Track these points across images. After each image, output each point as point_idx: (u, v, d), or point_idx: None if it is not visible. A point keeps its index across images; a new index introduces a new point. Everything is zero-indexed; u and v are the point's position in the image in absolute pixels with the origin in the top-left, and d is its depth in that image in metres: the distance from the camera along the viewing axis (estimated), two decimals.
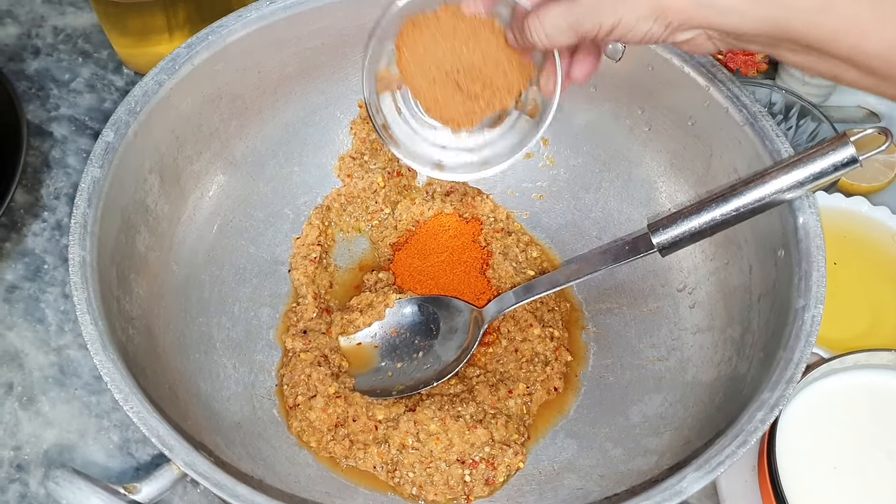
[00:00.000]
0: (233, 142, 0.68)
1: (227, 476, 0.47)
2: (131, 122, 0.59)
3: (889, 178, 0.75)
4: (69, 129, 0.79)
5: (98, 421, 0.66)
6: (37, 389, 0.67)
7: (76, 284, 0.52)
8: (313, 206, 0.71)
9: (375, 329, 0.67)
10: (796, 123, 0.76)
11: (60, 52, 0.84)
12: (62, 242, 0.73)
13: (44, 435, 0.65)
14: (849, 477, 0.58)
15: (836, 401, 0.61)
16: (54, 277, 0.72)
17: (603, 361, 0.66)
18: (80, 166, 0.54)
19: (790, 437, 0.59)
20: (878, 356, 0.61)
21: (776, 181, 0.55)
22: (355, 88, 0.71)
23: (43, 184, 0.76)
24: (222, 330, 0.65)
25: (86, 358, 0.68)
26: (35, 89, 0.82)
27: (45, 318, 0.70)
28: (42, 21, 0.86)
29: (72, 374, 0.68)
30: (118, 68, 0.83)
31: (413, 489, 0.60)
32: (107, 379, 0.49)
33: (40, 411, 0.66)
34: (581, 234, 0.72)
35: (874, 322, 0.68)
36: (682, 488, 0.47)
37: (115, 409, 0.66)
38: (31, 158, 0.77)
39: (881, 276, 0.70)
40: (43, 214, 0.75)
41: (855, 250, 0.71)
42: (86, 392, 0.67)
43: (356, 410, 0.62)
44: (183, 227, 0.65)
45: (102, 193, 0.56)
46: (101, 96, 0.82)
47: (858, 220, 0.72)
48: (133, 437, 0.65)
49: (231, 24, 0.63)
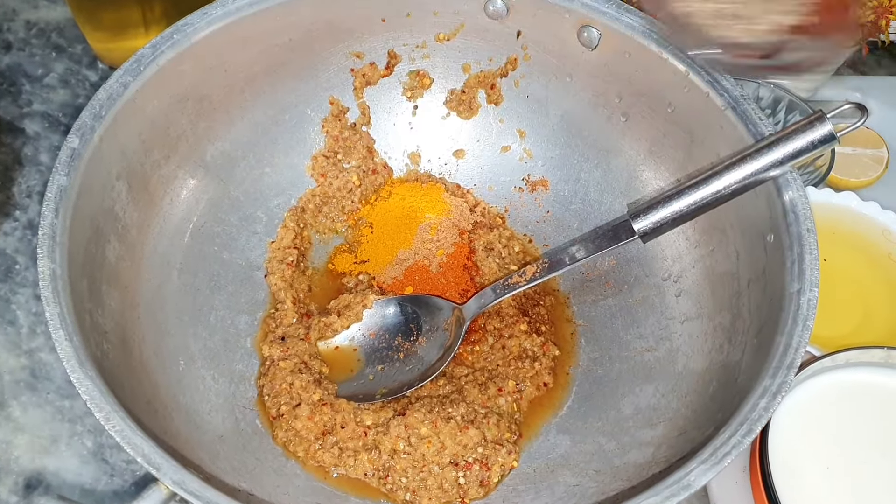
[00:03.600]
0: (201, 144, 0.65)
1: (218, 493, 0.45)
2: (97, 127, 0.56)
3: (878, 172, 0.75)
4: (42, 126, 0.77)
5: (71, 426, 0.64)
6: (7, 394, 0.64)
7: (48, 299, 0.49)
8: (287, 208, 0.69)
9: (354, 332, 0.65)
10: (784, 118, 0.76)
11: (33, 47, 0.82)
12: (34, 242, 0.71)
13: (15, 441, 0.63)
14: (842, 476, 0.58)
15: (828, 399, 0.61)
16: (26, 278, 0.70)
17: (591, 355, 0.65)
18: (53, 164, 0.53)
19: (782, 437, 0.59)
20: (871, 353, 0.61)
21: (756, 161, 0.55)
22: (325, 85, 0.69)
23: (14, 182, 0.74)
24: (199, 340, 0.63)
25: (58, 361, 0.65)
26: (7, 85, 0.79)
27: (17, 320, 0.68)
28: (14, 15, 0.84)
29: (44, 377, 0.65)
30: (92, 63, 0.82)
31: (407, 495, 0.58)
32: (86, 398, 0.46)
33: (11, 416, 0.64)
34: (562, 226, 0.70)
35: (865, 318, 0.67)
36: (689, 482, 0.46)
37: (88, 414, 0.64)
38: (2, 156, 0.75)
39: (872, 271, 0.70)
40: (14, 213, 0.73)
41: (845, 246, 0.71)
42: (58, 396, 0.65)
43: (343, 417, 0.60)
44: (153, 235, 0.63)
45: (70, 202, 0.53)
46: (74, 92, 0.80)
47: (848, 215, 0.71)
48: (107, 442, 0.63)
49: (196, 21, 0.61)
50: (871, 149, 0.76)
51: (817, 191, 0.71)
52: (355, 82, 0.69)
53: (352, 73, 0.69)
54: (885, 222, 0.71)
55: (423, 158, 0.72)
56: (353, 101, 0.70)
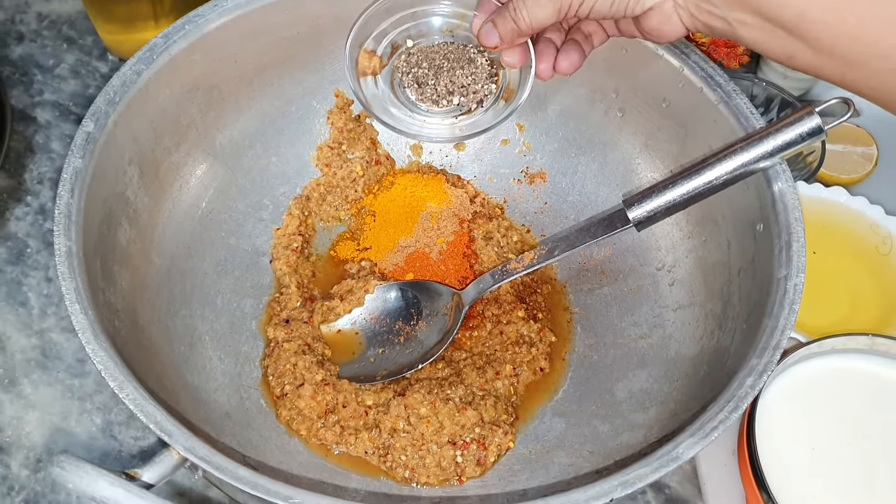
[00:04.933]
0: (210, 133, 0.67)
1: (227, 459, 0.46)
2: (111, 113, 0.58)
3: (868, 169, 0.77)
4: (53, 115, 0.79)
5: (81, 404, 0.66)
6: (19, 372, 0.66)
7: (63, 274, 0.51)
8: (292, 196, 0.71)
9: (356, 316, 0.67)
10: (777, 116, 0.78)
11: (45, 38, 0.84)
12: (45, 227, 0.73)
13: (26, 417, 0.65)
14: (828, 459, 0.60)
15: (814, 384, 0.62)
16: (37, 261, 0.72)
17: (587, 341, 0.67)
18: (64, 151, 0.54)
19: (769, 421, 0.61)
20: (856, 340, 0.62)
21: (747, 153, 0.57)
22: (331, 78, 0.71)
23: (26, 168, 0.76)
24: (206, 322, 0.65)
25: (68, 341, 0.68)
26: (19, 75, 0.82)
27: (28, 302, 0.69)
28: (26, 7, 0.86)
29: (54, 356, 0.67)
30: (103, 55, 0.84)
31: (406, 472, 0.60)
32: (100, 367, 0.48)
33: (22, 394, 0.66)
34: (559, 217, 0.72)
35: (852, 310, 0.69)
36: (678, 454, 0.48)
37: (97, 391, 0.66)
38: (14, 143, 0.77)
39: (859, 264, 0.71)
40: (26, 199, 0.75)
41: (834, 239, 0.72)
42: (68, 375, 0.67)
43: (345, 397, 0.62)
44: (163, 220, 0.65)
45: (84, 184, 0.55)
46: (85, 82, 0.82)
47: (837, 209, 0.73)
48: (116, 419, 0.65)
49: (207, 13, 0.63)
50: (861, 146, 0.78)
51: (807, 185, 0.73)
52: None
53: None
54: (873, 216, 0.72)
55: (425, 150, 0.74)
56: None
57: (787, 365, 0.62)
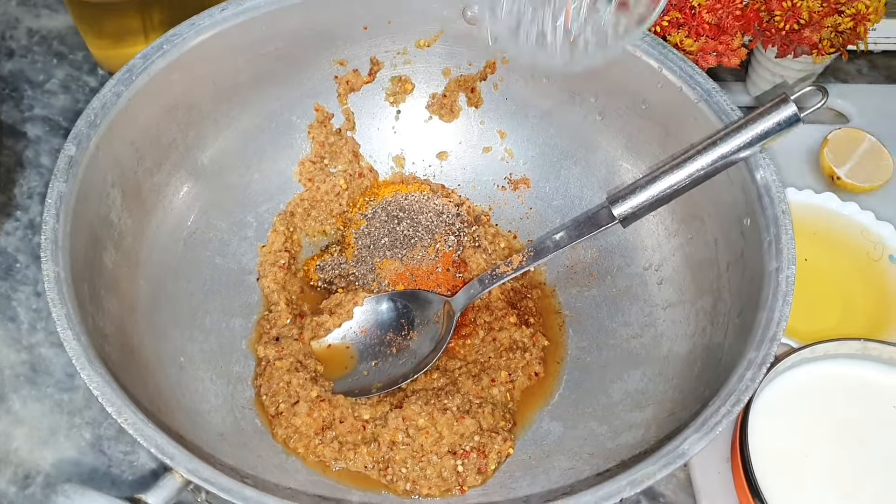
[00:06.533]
0: (192, 152, 0.66)
1: (231, 480, 0.46)
2: (92, 135, 0.57)
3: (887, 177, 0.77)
4: (43, 130, 0.79)
5: (70, 418, 0.65)
6: (7, 387, 0.66)
7: (54, 301, 0.50)
8: (276, 212, 0.71)
9: (346, 329, 0.67)
10: None
11: (35, 54, 0.84)
12: (34, 241, 0.73)
13: (14, 433, 0.64)
14: (821, 465, 0.60)
15: (807, 390, 0.62)
16: (26, 276, 0.71)
17: (579, 343, 0.67)
18: (54, 166, 0.54)
19: (763, 427, 0.61)
20: (848, 345, 0.63)
21: (726, 144, 0.58)
22: (310, 93, 0.70)
23: (16, 183, 0.76)
24: (195, 343, 0.64)
25: (57, 356, 0.67)
26: (9, 90, 0.81)
27: (17, 317, 0.69)
28: (16, 23, 0.86)
29: (43, 371, 0.67)
30: (93, 69, 0.83)
31: (407, 485, 0.59)
32: (97, 393, 0.47)
33: (10, 409, 0.65)
34: (545, 222, 0.73)
35: (844, 316, 0.70)
36: (683, 450, 0.48)
37: (87, 406, 0.66)
38: (4, 158, 0.77)
39: (851, 270, 0.72)
40: (16, 213, 0.74)
41: (825, 245, 0.72)
42: (57, 390, 0.66)
43: (342, 412, 0.61)
44: (148, 242, 0.64)
45: (70, 208, 0.54)
46: (75, 97, 0.82)
47: (828, 215, 0.73)
48: (105, 434, 0.65)
49: (185, 32, 0.62)
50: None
51: (798, 192, 0.74)
52: (339, 89, 0.71)
53: (336, 81, 0.71)
54: (864, 222, 0.73)
55: (408, 161, 0.74)
56: (338, 107, 0.72)
57: (779, 371, 0.62)
